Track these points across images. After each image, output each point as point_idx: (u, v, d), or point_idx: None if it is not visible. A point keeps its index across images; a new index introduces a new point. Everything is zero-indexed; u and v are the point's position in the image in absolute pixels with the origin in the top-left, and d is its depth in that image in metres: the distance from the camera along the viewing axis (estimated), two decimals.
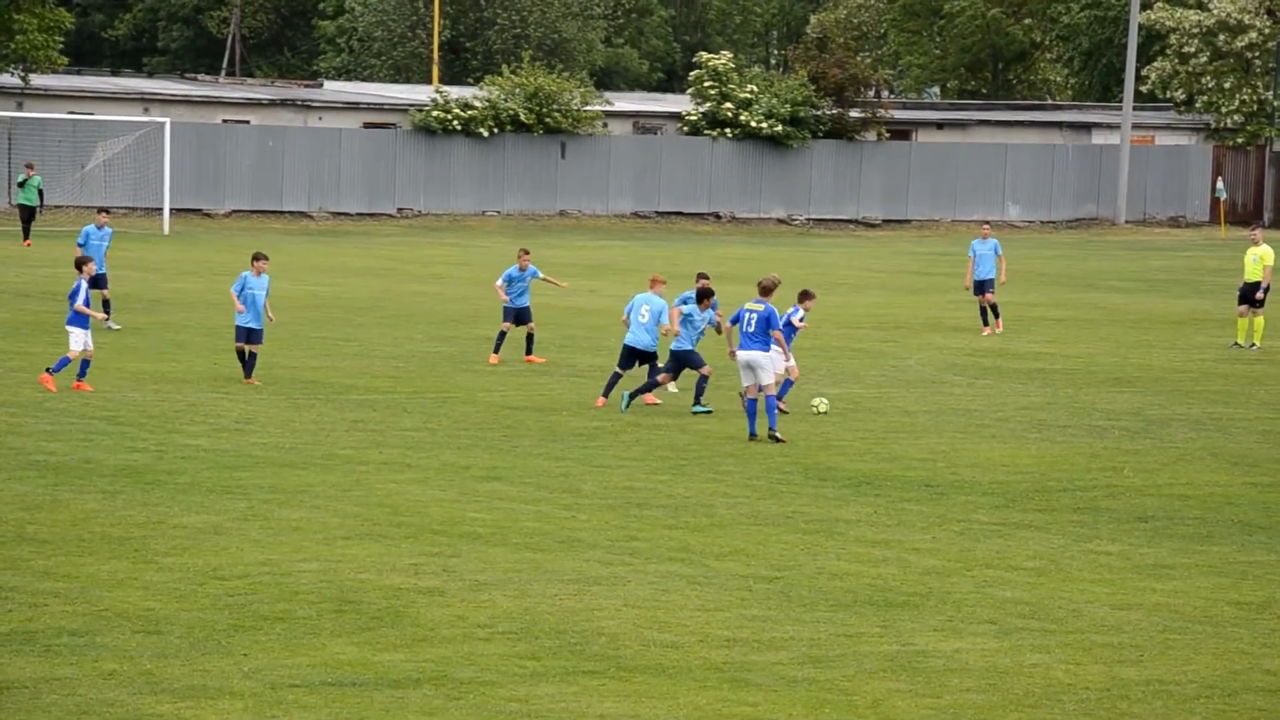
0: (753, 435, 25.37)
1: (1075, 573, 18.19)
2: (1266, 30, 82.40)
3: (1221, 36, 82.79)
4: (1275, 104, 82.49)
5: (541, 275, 33.79)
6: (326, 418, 26.38)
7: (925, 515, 20.76)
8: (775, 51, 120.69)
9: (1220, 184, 79.19)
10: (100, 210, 38.00)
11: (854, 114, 77.68)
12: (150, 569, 17.35)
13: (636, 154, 76.16)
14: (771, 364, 25.32)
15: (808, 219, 77.34)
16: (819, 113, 76.83)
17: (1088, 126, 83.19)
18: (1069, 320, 43.15)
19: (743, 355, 25.37)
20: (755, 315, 25.31)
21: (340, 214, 72.15)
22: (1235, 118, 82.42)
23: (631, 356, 28.42)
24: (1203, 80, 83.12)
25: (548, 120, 73.75)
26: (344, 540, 18.70)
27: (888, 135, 79.15)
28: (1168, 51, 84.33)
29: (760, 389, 25.25)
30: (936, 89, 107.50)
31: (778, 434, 25.21)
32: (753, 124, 75.65)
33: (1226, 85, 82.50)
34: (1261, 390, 31.74)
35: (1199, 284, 54.05)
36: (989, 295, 39.75)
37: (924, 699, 14.00)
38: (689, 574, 17.73)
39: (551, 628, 15.69)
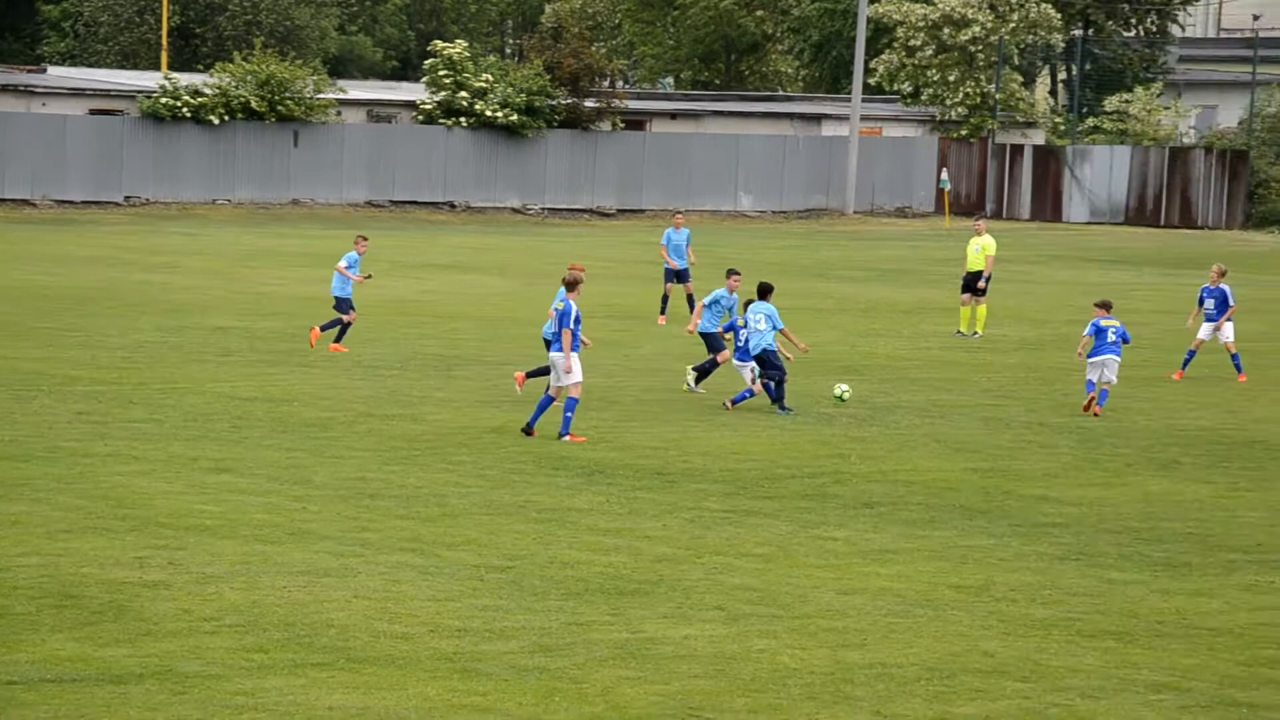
0: (527, 429, 24.91)
1: (802, 559, 18.43)
2: (989, 25, 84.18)
3: (946, 30, 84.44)
4: (998, 97, 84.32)
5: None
6: (49, 409, 25.82)
7: (657, 503, 20.90)
8: (510, 41, 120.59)
9: (945, 175, 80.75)
10: None
11: (589, 104, 77.90)
12: None
13: (371, 142, 75.65)
14: (564, 363, 24.74)
15: (543, 208, 77.45)
16: (554, 102, 76.96)
17: (818, 118, 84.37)
18: (799, 309, 43.68)
19: (550, 354, 25.17)
20: (555, 313, 25.06)
21: (65, 202, 70.68)
22: (959, 110, 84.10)
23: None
24: (928, 73, 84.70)
25: (280, 108, 72.95)
26: (66, 534, 18.33)
27: (622, 125, 79.51)
28: (895, 44, 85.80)
29: (559, 388, 24.86)
30: (670, 79, 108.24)
31: (568, 438, 24.66)
32: (488, 113, 75.55)
33: (951, 78, 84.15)
34: (983, 378, 32.43)
35: (925, 273, 55.04)
36: (687, 284, 40.24)
37: (653, 686, 14.09)
38: (421, 564, 17.66)
39: (280, 620, 15.52)
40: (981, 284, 38.95)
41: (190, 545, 18.04)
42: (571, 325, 24.65)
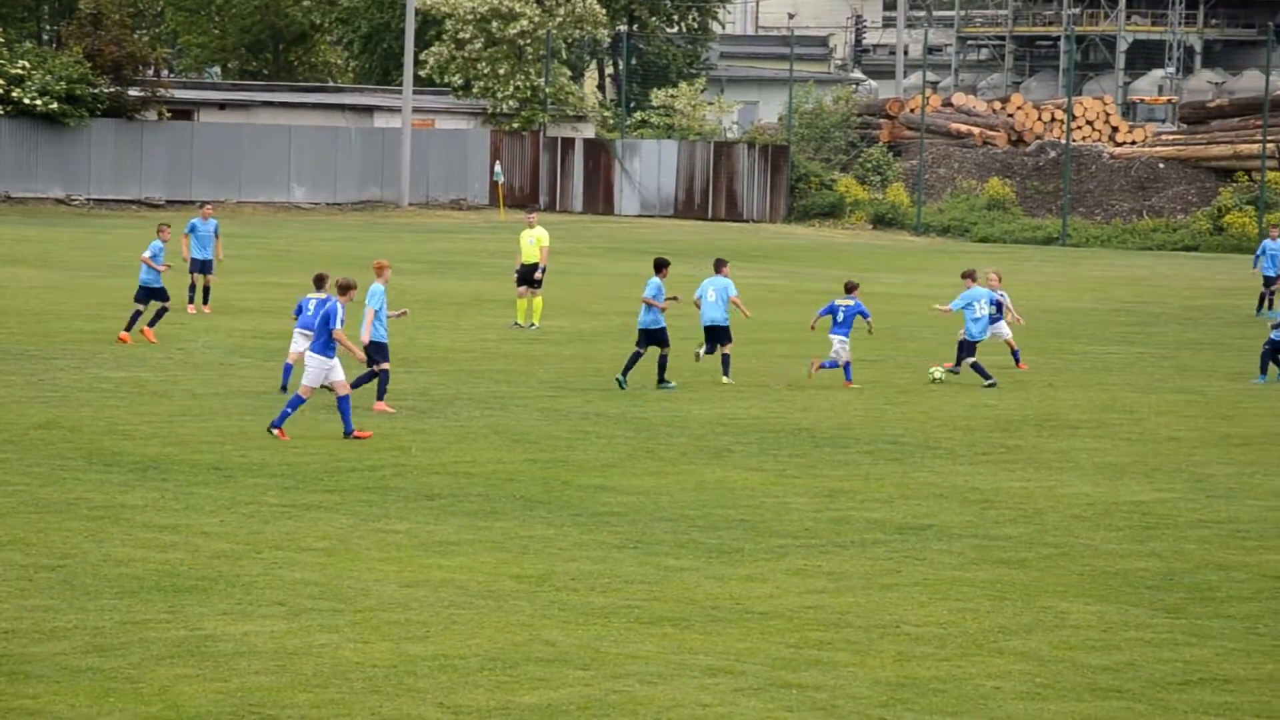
0: (276, 425, 24.45)
1: (364, 552, 18.34)
2: (537, 19, 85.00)
3: (495, 23, 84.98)
4: (547, 91, 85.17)
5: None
6: None
7: (214, 499, 20.57)
8: (48, 27, 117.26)
9: (498, 167, 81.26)
10: None
11: (133, 93, 76.28)
12: None
13: None
14: (322, 366, 24.32)
15: (88, 199, 75.54)
16: (96, 90, 75.13)
17: (370, 109, 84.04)
18: (356, 302, 43.41)
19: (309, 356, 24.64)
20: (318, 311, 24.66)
21: None
22: (511, 103, 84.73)
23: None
24: (479, 66, 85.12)
25: None
26: None
27: (169, 115, 78.04)
28: (444, 37, 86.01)
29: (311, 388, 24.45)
30: (218, 69, 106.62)
31: (355, 433, 24.52)
32: (26, 101, 73.39)
33: (501, 71, 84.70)
34: (541, 369, 32.70)
35: (481, 265, 55.29)
36: (208, 275, 40.11)
37: (212, 683, 13.86)
38: None
39: None
40: (538, 275, 39.31)
41: None
42: (338, 325, 24.37)
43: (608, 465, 23.56)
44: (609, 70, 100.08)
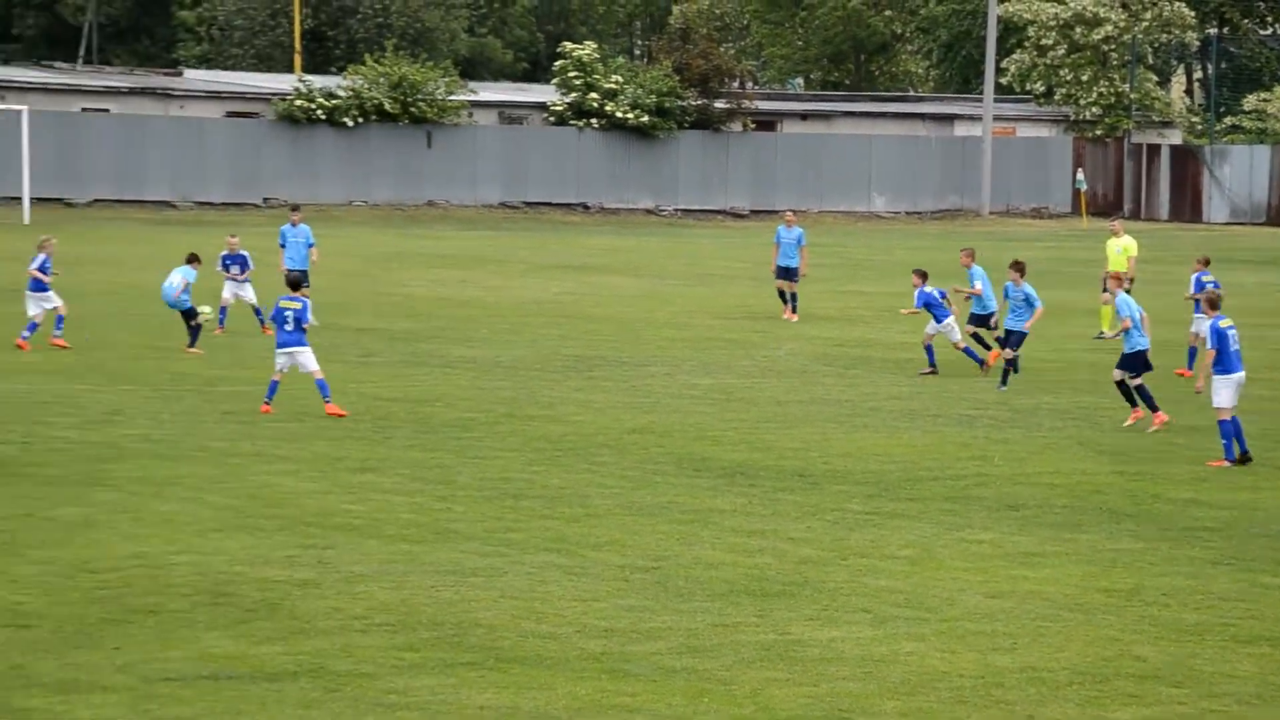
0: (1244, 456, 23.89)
1: (948, 561, 18.30)
2: (1122, 24, 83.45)
3: (1078, 29, 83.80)
4: (1132, 96, 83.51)
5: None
6: (197, 409, 26.10)
7: (799, 505, 20.83)
8: (639, 42, 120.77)
9: (1080, 175, 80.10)
10: None
11: (719, 104, 77.94)
12: (18, 562, 17.10)
13: (503, 144, 76.01)
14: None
15: (676, 209, 77.50)
16: (684, 103, 77.02)
17: (950, 118, 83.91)
18: None
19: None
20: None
21: (204, 204, 71.51)
22: (1094, 110, 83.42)
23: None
24: (1061, 73, 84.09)
25: (413, 110, 73.48)
26: (216, 532, 18.52)
27: (753, 126, 79.47)
28: (1026, 44, 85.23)
29: None
30: (800, 80, 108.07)
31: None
32: (619, 114, 75.74)
33: (1084, 78, 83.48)
34: None
35: (1064, 274, 54.56)
36: (793, 283, 40.57)
37: (802, 688, 14.03)
38: (565, 564, 17.69)
39: (429, 619, 15.60)
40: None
41: (338, 544, 18.17)
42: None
43: (1199, 479, 22.94)
44: (1197, 75, 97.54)
